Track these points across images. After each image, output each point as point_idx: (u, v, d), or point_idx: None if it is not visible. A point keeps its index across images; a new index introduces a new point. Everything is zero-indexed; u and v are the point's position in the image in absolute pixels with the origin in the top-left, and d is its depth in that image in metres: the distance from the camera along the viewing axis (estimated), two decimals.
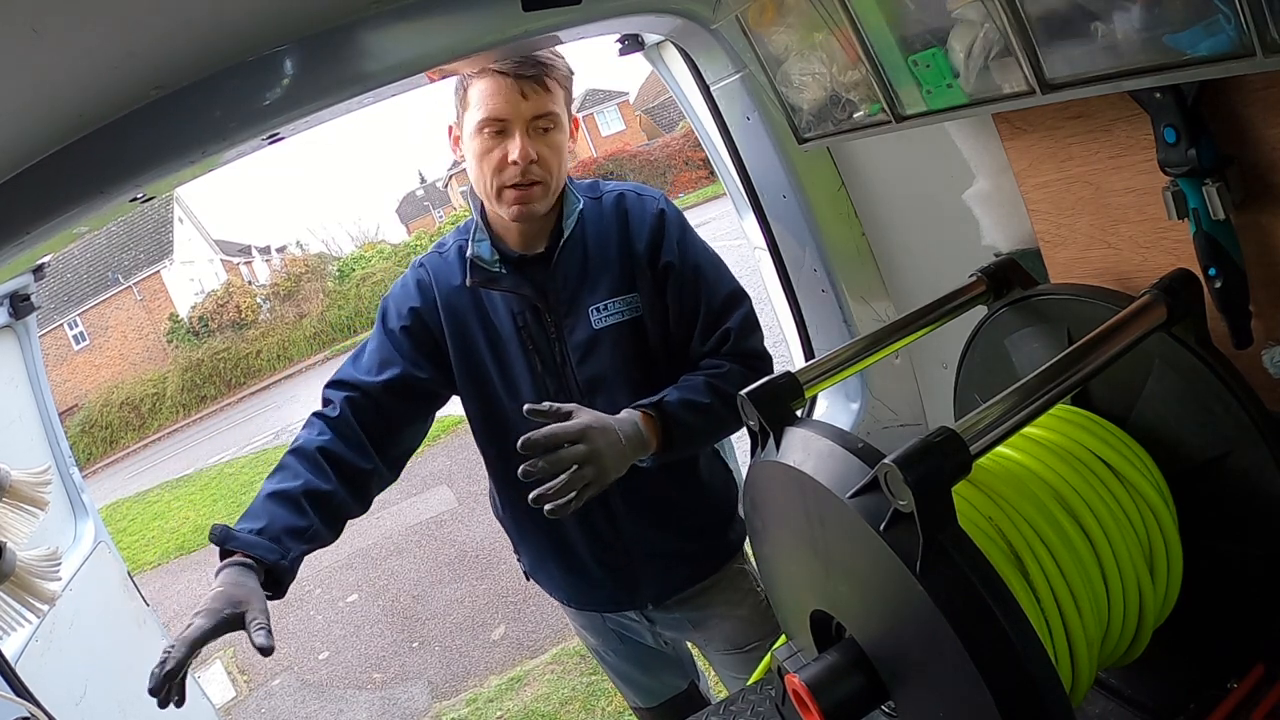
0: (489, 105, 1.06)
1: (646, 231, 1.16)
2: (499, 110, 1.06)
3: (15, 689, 1.21)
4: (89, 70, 0.77)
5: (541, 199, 1.10)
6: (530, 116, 1.07)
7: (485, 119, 1.07)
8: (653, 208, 1.18)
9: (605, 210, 1.18)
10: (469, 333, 1.18)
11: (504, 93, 1.06)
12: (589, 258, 1.15)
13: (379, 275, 20.18)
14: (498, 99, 1.06)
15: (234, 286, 22.06)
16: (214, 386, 18.63)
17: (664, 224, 1.17)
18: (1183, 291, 0.68)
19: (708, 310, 1.15)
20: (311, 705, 3.57)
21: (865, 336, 0.83)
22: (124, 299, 21.05)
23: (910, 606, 0.54)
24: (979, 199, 1.03)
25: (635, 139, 26.22)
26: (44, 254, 1.33)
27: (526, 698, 2.98)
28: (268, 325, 20.10)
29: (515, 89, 1.06)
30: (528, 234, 1.15)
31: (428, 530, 5.17)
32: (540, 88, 1.07)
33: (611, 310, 1.14)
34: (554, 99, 1.09)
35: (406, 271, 1.25)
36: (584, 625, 1.38)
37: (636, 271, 1.16)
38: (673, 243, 1.16)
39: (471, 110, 1.09)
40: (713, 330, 1.15)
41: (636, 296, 1.15)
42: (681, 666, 1.43)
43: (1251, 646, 0.70)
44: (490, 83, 1.06)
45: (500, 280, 1.14)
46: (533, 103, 1.06)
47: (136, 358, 20.38)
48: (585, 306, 1.14)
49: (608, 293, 1.14)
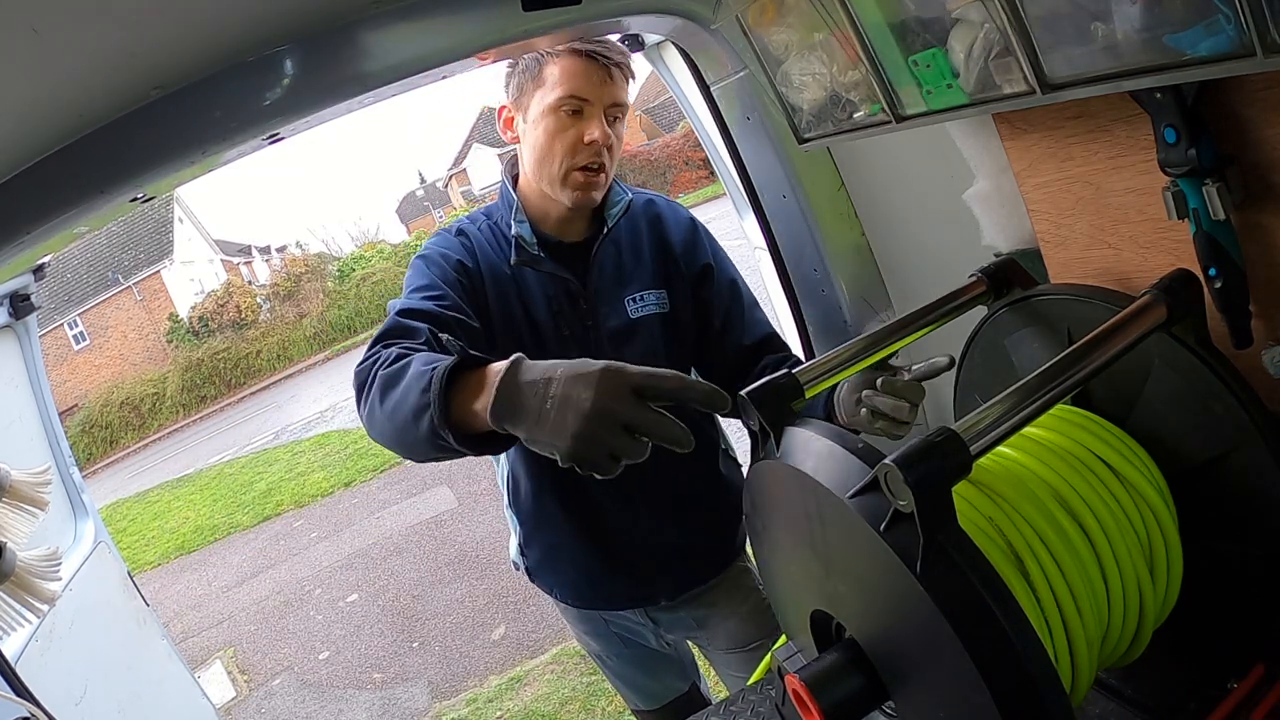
0: (573, 83, 1.05)
1: (683, 234, 1.21)
2: (583, 89, 1.05)
3: (15, 689, 1.21)
4: (89, 70, 0.77)
5: (603, 187, 1.12)
6: (610, 102, 1.07)
7: (567, 96, 1.06)
8: (685, 214, 1.25)
9: (636, 210, 1.21)
10: (511, 310, 1.15)
11: (591, 73, 1.05)
12: (623, 252, 1.18)
13: (379, 275, 20.17)
14: (582, 78, 1.05)
15: (234, 286, 22.05)
16: (214, 386, 18.62)
17: (698, 230, 1.23)
18: (1183, 291, 0.68)
19: (750, 310, 1.22)
20: (311, 705, 3.56)
21: (865, 336, 0.83)
22: (124, 299, 21.05)
23: (910, 606, 0.54)
24: (979, 199, 1.03)
25: (635, 139, 26.20)
26: (44, 254, 1.33)
27: (526, 698, 2.98)
28: (268, 325, 20.08)
29: (602, 71, 1.06)
30: (567, 220, 1.16)
31: (428, 530, 5.17)
32: (622, 75, 1.08)
33: (647, 302, 1.17)
34: (628, 91, 1.10)
35: (441, 232, 1.17)
36: (586, 630, 1.37)
37: (670, 271, 1.19)
38: (708, 250, 1.22)
39: (548, 88, 1.07)
40: (756, 329, 1.20)
41: (666, 294, 1.18)
42: (683, 668, 1.43)
43: (1251, 646, 0.70)
44: (575, 62, 1.05)
45: (542, 263, 1.14)
46: (614, 88, 1.07)
47: (136, 358, 20.37)
48: (622, 296, 1.16)
49: (641, 286, 1.17)
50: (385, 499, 6.15)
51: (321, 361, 17.75)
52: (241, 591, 5.33)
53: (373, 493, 6.49)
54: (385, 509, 5.89)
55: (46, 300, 14.08)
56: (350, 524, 5.91)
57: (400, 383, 0.79)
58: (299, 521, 6.52)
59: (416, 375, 0.78)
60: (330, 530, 5.95)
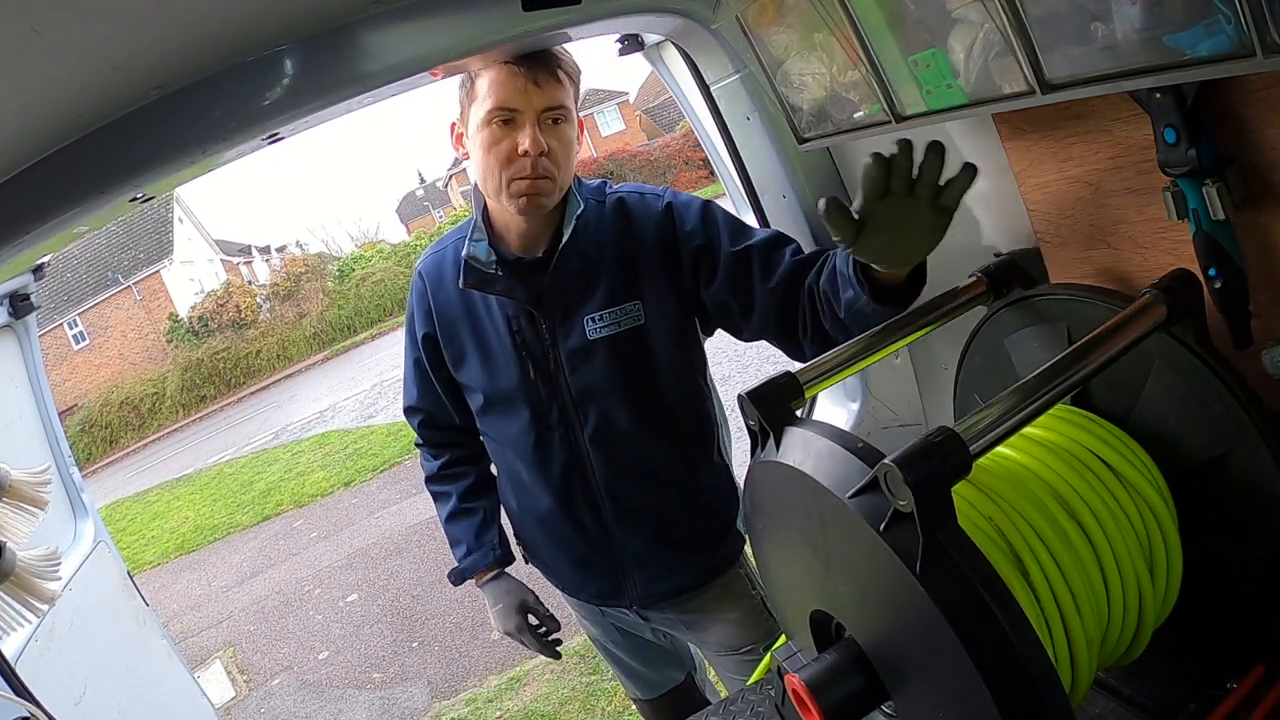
0: (499, 94, 1.04)
1: (654, 230, 1.12)
2: (509, 99, 1.04)
3: (15, 689, 1.21)
4: (89, 70, 0.77)
5: (550, 193, 1.08)
6: (541, 108, 1.04)
7: (495, 108, 1.04)
8: (656, 204, 1.14)
9: (606, 214, 1.15)
10: (458, 334, 1.18)
11: (515, 81, 1.04)
12: (588, 264, 1.12)
13: (379, 275, 20.17)
14: (508, 88, 1.04)
15: (234, 286, 22.06)
16: (214, 386, 18.61)
17: (673, 215, 1.13)
18: (1183, 291, 0.68)
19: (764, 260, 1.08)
20: (311, 705, 3.56)
21: (865, 336, 0.83)
22: (124, 299, 21.05)
23: (910, 606, 0.54)
24: (979, 199, 1.03)
25: (635, 139, 26.21)
26: (44, 254, 1.33)
27: (526, 698, 2.98)
28: (268, 325, 20.08)
29: (527, 77, 1.03)
30: (528, 235, 1.13)
31: (428, 530, 5.16)
32: (552, 78, 1.04)
33: (606, 321, 1.11)
34: (565, 92, 1.06)
35: (414, 274, 1.27)
36: (585, 615, 1.39)
37: (641, 276, 1.12)
38: (693, 223, 1.11)
39: (480, 101, 1.06)
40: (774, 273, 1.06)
41: (638, 305, 1.11)
42: (679, 659, 1.44)
43: (1251, 646, 0.70)
44: (500, 72, 1.04)
45: (495, 283, 1.12)
46: (545, 93, 1.04)
47: (136, 358, 20.38)
48: (580, 316, 1.11)
49: (603, 303, 1.11)
50: (385, 499, 6.14)
51: (321, 361, 17.74)
52: (241, 591, 5.33)
53: (373, 493, 6.48)
54: (385, 509, 5.89)
55: (46, 300, 13.98)
56: (350, 524, 5.91)
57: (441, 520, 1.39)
58: (299, 521, 6.52)
59: None
60: (330, 530, 5.95)
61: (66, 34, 0.67)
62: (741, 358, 5.57)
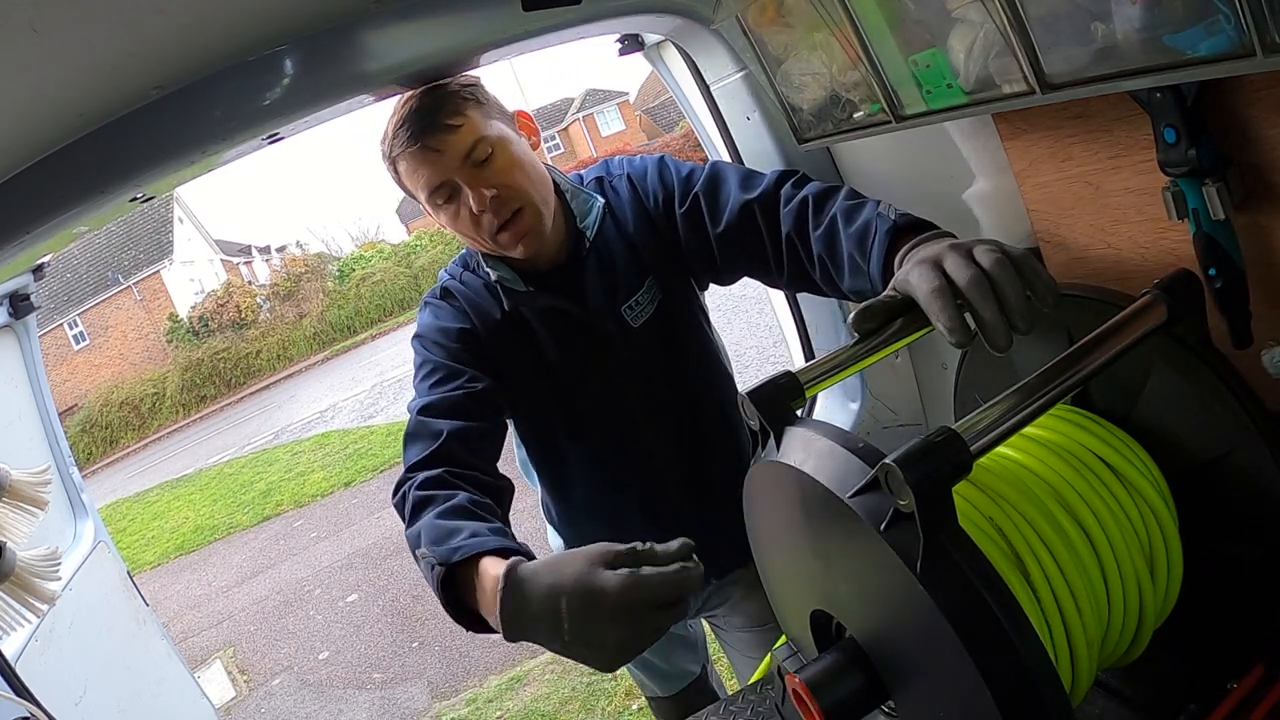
0: (418, 180, 1.02)
1: (656, 189, 1.10)
2: (430, 179, 1.00)
3: (15, 689, 1.21)
4: (89, 70, 0.77)
5: (536, 220, 1.03)
6: (458, 164, 0.99)
7: (427, 196, 1.03)
8: (653, 161, 1.13)
9: (623, 198, 1.14)
10: (520, 361, 1.11)
11: (421, 163, 1.00)
12: (610, 255, 1.11)
13: (379, 275, 20.18)
14: (420, 172, 1.01)
15: (234, 286, 22.07)
16: (214, 386, 18.63)
17: (663, 169, 1.11)
18: (1183, 291, 0.68)
19: (741, 175, 1.03)
20: (311, 705, 3.57)
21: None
22: (124, 299, 21.07)
23: (910, 606, 0.54)
24: (979, 199, 1.03)
25: (635, 139, 26.21)
26: (44, 254, 1.33)
27: (526, 698, 2.98)
28: (268, 325, 20.10)
29: (427, 148, 0.99)
30: (543, 250, 1.09)
31: None
32: (446, 131, 0.99)
33: (642, 304, 1.12)
34: (470, 125, 1.00)
35: (433, 304, 1.13)
36: None
37: (656, 246, 1.10)
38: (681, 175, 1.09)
39: (413, 191, 1.05)
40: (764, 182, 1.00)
41: (653, 281, 1.11)
42: (695, 649, 1.45)
43: (1251, 646, 0.69)
44: (406, 163, 1.01)
45: (536, 297, 1.09)
46: (450, 149, 0.99)
47: (136, 358, 20.40)
48: (618, 308, 1.11)
49: (629, 291, 1.11)
50: (385, 499, 6.11)
51: (321, 361, 17.74)
52: (241, 591, 5.34)
53: (373, 493, 6.49)
54: (385, 509, 5.89)
55: (46, 300, 14.00)
56: (350, 524, 5.92)
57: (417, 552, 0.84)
58: (299, 521, 6.53)
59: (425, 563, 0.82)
60: (330, 530, 5.96)
61: (66, 34, 0.67)
62: (742, 358, 5.58)
